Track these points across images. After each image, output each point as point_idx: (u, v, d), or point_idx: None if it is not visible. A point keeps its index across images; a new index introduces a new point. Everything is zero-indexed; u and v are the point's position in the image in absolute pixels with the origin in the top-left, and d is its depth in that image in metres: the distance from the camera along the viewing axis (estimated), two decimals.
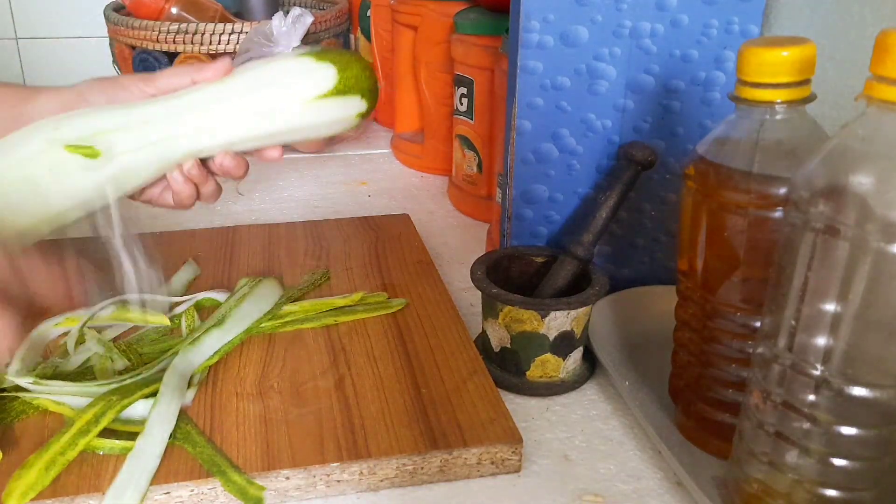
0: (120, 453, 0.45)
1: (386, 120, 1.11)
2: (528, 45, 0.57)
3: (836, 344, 0.34)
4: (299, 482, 0.45)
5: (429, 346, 0.55)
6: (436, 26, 0.88)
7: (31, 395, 0.48)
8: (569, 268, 0.57)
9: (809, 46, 0.40)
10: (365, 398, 0.50)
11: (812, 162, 0.35)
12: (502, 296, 0.53)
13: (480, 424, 0.48)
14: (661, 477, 0.48)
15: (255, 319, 0.57)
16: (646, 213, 0.63)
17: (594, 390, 0.56)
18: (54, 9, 1.61)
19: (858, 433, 0.35)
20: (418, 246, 0.71)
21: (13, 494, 0.41)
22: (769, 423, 0.38)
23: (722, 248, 0.43)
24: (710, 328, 0.45)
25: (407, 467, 0.45)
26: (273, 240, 0.72)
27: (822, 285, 0.34)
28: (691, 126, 0.60)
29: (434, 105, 0.92)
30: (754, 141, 0.42)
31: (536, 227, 0.63)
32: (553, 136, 0.60)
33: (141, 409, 0.47)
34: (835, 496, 0.37)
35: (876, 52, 0.32)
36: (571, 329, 0.54)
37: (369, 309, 0.60)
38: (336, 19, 1.15)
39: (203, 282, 0.64)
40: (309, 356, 0.54)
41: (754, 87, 0.41)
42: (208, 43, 1.06)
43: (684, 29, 0.58)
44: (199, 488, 0.43)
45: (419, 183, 0.94)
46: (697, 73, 0.59)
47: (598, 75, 0.58)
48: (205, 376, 0.52)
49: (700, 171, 0.44)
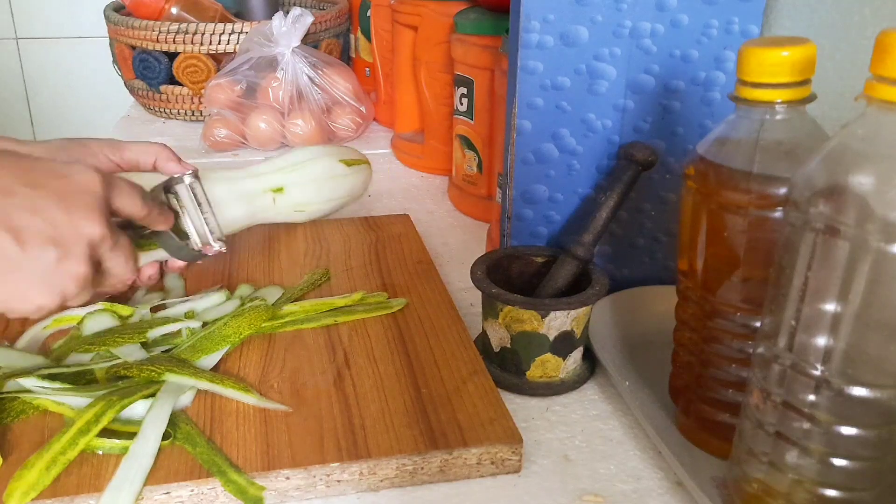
0: (119, 453, 0.45)
1: (386, 120, 1.11)
2: (528, 45, 0.57)
3: (837, 344, 0.34)
4: (299, 482, 0.45)
5: (429, 346, 0.55)
6: (436, 26, 0.88)
7: (31, 396, 0.48)
8: (569, 268, 0.57)
9: (809, 46, 0.40)
10: (365, 398, 0.50)
11: (812, 162, 0.35)
12: (502, 296, 0.53)
13: (480, 424, 0.48)
14: (661, 477, 0.48)
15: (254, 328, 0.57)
16: (646, 213, 0.63)
17: (594, 390, 0.56)
18: (54, 9, 1.61)
19: (858, 433, 0.35)
20: (418, 246, 0.71)
21: (14, 494, 0.41)
22: (769, 423, 0.38)
23: (722, 248, 0.43)
24: (710, 328, 0.45)
25: (407, 467, 0.45)
26: (273, 240, 0.72)
27: (822, 285, 0.34)
28: (691, 126, 0.60)
29: (434, 105, 0.92)
30: (754, 141, 0.42)
31: (536, 227, 0.63)
32: (553, 136, 0.60)
33: (140, 410, 0.47)
34: (835, 496, 0.37)
35: (876, 52, 0.32)
36: (571, 329, 0.54)
37: (369, 309, 0.60)
38: (336, 19, 1.15)
39: (203, 281, 0.64)
40: (309, 356, 0.54)
41: (754, 87, 0.41)
42: (208, 43, 1.06)
43: (684, 29, 0.58)
44: (199, 488, 0.43)
45: (419, 183, 0.94)
46: (697, 73, 0.59)
47: (598, 75, 0.58)
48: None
49: (700, 171, 0.44)
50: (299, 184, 0.68)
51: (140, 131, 1.11)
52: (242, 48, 1.02)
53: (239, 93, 1.00)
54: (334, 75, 1.02)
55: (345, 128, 1.04)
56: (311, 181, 0.69)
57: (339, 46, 1.17)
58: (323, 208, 0.72)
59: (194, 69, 1.08)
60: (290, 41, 1.00)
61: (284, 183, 0.67)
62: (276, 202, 0.67)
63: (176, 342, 0.55)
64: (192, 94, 1.10)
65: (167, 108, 1.13)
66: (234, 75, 1.00)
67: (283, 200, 0.68)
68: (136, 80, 1.13)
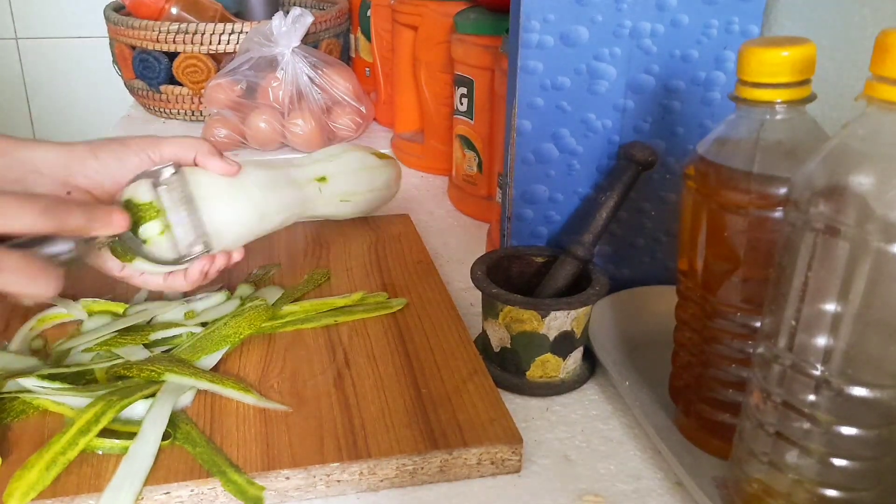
0: (119, 453, 0.45)
1: (386, 120, 1.11)
2: (528, 45, 0.57)
3: (837, 344, 0.34)
4: (299, 482, 0.45)
5: (429, 346, 0.55)
6: (436, 26, 0.88)
7: (31, 396, 0.48)
8: (569, 268, 0.56)
9: (809, 46, 0.40)
10: (365, 398, 0.50)
11: (812, 162, 0.35)
12: (502, 296, 0.53)
13: (480, 424, 0.48)
14: (662, 477, 0.48)
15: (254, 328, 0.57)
16: (646, 213, 0.63)
17: (594, 390, 0.56)
18: (54, 9, 1.61)
19: (858, 433, 0.35)
20: (418, 246, 0.71)
21: (14, 495, 0.41)
22: (769, 423, 0.38)
23: (722, 248, 0.43)
24: (710, 328, 0.45)
25: (407, 467, 0.45)
26: (273, 240, 0.72)
27: (823, 285, 0.34)
28: (691, 126, 0.60)
29: (434, 105, 0.92)
30: (754, 141, 0.42)
31: (536, 227, 0.63)
32: (553, 136, 0.60)
33: (140, 410, 0.47)
34: (835, 496, 0.37)
35: (876, 52, 0.32)
36: (572, 329, 0.54)
37: (369, 309, 0.60)
38: (336, 19, 1.15)
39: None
40: (309, 356, 0.54)
41: (754, 87, 0.41)
42: (208, 43, 1.06)
43: (684, 29, 0.58)
44: (199, 488, 0.43)
45: (419, 183, 0.94)
46: (697, 73, 0.59)
47: (598, 75, 0.58)
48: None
49: (700, 171, 0.44)
50: (340, 173, 0.68)
51: (140, 131, 1.10)
52: (242, 48, 1.02)
53: (239, 93, 1.00)
54: (334, 75, 1.02)
55: (345, 128, 1.03)
56: (351, 171, 0.69)
57: (339, 46, 1.17)
58: (367, 198, 0.72)
59: (194, 69, 1.08)
60: (290, 41, 1.00)
61: (326, 172, 0.67)
62: (322, 191, 0.66)
63: (176, 342, 0.55)
64: (192, 94, 1.10)
65: (167, 108, 1.13)
66: (234, 75, 1.00)
67: (329, 189, 0.67)
68: (136, 79, 1.13)
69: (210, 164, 0.56)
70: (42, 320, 0.58)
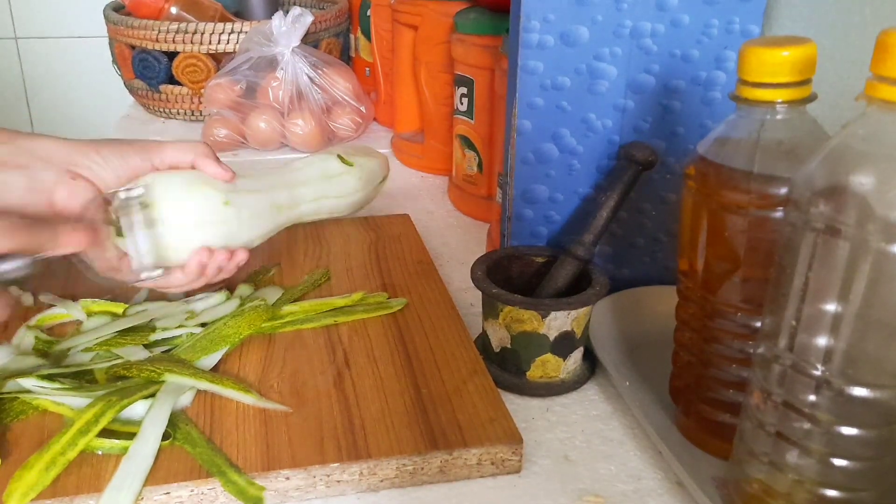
0: (119, 453, 0.45)
1: (386, 120, 1.11)
2: (528, 44, 0.57)
3: (837, 344, 0.34)
4: (299, 482, 0.45)
5: (429, 346, 0.55)
6: (436, 26, 0.88)
7: (30, 396, 0.48)
8: (569, 268, 0.56)
9: (810, 46, 0.40)
10: (365, 398, 0.50)
11: (812, 162, 0.35)
12: (502, 296, 0.53)
13: (480, 425, 0.48)
14: (662, 477, 0.48)
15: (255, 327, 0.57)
16: (646, 213, 0.63)
17: (594, 390, 0.56)
18: (54, 9, 1.61)
19: (859, 433, 0.35)
20: (418, 246, 0.71)
21: (14, 495, 0.41)
22: (770, 423, 0.38)
23: (722, 248, 0.43)
24: (710, 328, 0.45)
25: (407, 468, 0.45)
26: (273, 240, 0.71)
27: (823, 285, 0.34)
28: (692, 126, 0.60)
29: (434, 105, 0.92)
30: (755, 141, 0.42)
31: (536, 227, 0.63)
32: (553, 136, 0.60)
33: (140, 410, 0.47)
34: (835, 496, 0.37)
35: (876, 52, 0.32)
36: (572, 329, 0.54)
37: (369, 309, 0.60)
38: (336, 19, 1.15)
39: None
40: (309, 356, 0.54)
41: (755, 87, 0.41)
42: (208, 43, 1.06)
43: (685, 29, 0.58)
44: (199, 488, 0.43)
45: (419, 183, 0.94)
46: (698, 73, 0.59)
47: (598, 75, 0.58)
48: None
49: (700, 171, 0.44)
50: (300, 183, 0.65)
51: (140, 131, 1.11)
52: (242, 48, 1.02)
53: (239, 92, 1.00)
54: (334, 75, 1.02)
55: (345, 128, 1.03)
56: (314, 180, 0.66)
57: (339, 46, 1.17)
58: (335, 204, 0.67)
59: (194, 69, 1.08)
60: (289, 41, 1.00)
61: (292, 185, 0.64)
62: (282, 207, 0.63)
63: (176, 342, 0.55)
64: (191, 94, 1.10)
65: (167, 108, 1.13)
66: (233, 75, 1.00)
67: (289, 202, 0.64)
68: (136, 79, 1.13)
69: (207, 167, 0.57)
70: (42, 320, 0.58)
